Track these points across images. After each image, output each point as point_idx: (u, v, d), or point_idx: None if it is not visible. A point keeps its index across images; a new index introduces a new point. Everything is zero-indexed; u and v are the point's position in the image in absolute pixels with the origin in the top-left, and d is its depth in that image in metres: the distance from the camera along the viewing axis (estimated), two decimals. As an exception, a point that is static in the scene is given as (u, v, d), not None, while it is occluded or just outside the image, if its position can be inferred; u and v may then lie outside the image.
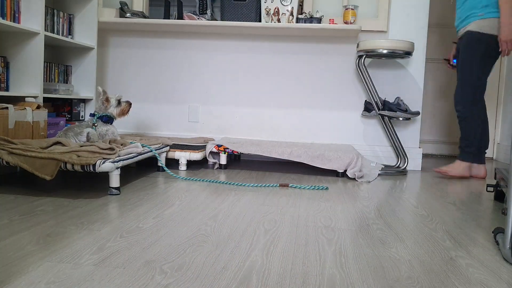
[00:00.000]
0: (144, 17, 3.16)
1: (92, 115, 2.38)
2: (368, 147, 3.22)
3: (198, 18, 3.08)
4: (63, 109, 2.84)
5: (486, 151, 2.83)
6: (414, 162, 3.14)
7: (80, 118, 2.95)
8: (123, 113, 2.47)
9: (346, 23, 2.99)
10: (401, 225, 1.61)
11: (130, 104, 2.49)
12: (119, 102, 2.43)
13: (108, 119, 2.39)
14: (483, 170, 2.82)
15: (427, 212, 1.83)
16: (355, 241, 1.39)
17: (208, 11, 3.17)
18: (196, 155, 2.63)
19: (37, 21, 2.44)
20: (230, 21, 3.01)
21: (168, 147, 2.61)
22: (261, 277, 1.07)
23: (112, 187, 1.90)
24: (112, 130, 2.40)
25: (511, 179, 1.27)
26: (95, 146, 1.94)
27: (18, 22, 2.41)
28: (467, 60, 2.72)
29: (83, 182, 2.15)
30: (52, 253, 1.17)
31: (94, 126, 2.30)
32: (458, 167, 2.80)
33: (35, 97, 2.45)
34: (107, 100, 2.39)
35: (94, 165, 1.78)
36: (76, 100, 2.91)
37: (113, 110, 2.42)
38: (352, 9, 2.99)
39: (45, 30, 2.55)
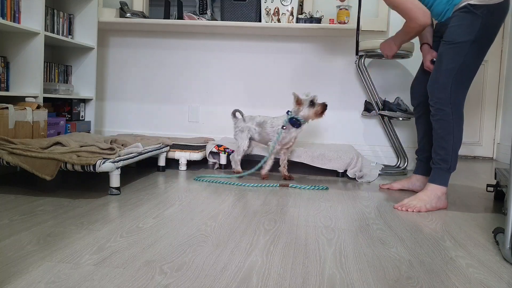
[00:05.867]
0: (144, 17, 3.16)
1: (289, 112, 2.39)
2: (368, 147, 3.22)
3: (198, 18, 3.08)
4: (63, 109, 2.84)
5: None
6: (414, 162, 3.13)
7: (80, 118, 2.95)
8: (317, 114, 2.34)
9: (340, 23, 2.99)
10: (401, 225, 1.61)
11: (325, 105, 2.34)
12: (312, 103, 2.33)
13: (294, 122, 2.35)
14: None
15: (427, 212, 1.83)
16: (355, 241, 1.39)
17: (208, 11, 3.17)
18: (196, 155, 2.63)
19: (37, 21, 2.44)
20: (230, 21, 3.01)
21: (168, 147, 2.61)
22: (261, 277, 1.07)
23: (112, 187, 1.90)
24: (293, 136, 2.39)
25: (511, 179, 1.27)
26: (95, 146, 1.94)
27: (18, 22, 2.41)
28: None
29: (83, 182, 2.15)
30: (52, 253, 1.17)
31: (282, 128, 2.35)
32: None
33: (35, 97, 2.45)
34: (298, 102, 2.32)
35: (94, 165, 1.78)
36: (76, 100, 2.91)
37: (305, 112, 2.33)
38: (346, 9, 2.99)
39: (45, 30, 2.55)
